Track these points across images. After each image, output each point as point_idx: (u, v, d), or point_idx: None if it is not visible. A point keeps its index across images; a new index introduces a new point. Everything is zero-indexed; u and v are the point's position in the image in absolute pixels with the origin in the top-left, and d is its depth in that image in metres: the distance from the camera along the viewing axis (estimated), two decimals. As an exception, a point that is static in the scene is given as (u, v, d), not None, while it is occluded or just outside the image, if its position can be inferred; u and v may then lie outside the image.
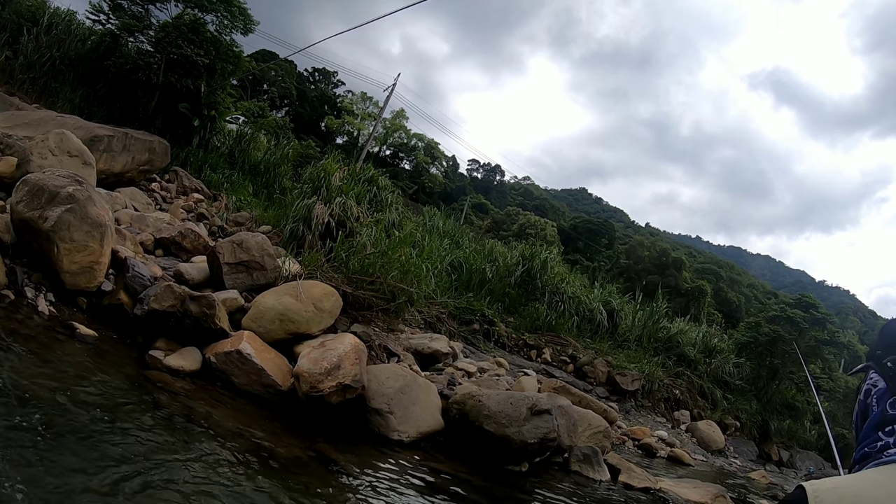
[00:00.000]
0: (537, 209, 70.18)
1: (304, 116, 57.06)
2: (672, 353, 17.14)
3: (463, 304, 13.59)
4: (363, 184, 13.06)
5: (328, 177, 12.25)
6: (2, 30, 16.09)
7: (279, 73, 54.06)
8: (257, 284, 8.66)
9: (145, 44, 16.85)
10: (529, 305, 15.70)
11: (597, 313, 16.93)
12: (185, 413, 5.69)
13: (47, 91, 15.94)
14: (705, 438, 14.35)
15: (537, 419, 7.38)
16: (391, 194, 14.30)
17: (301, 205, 11.71)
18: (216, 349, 6.91)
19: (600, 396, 13.14)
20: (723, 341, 19.89)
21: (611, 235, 69.50)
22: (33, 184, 7.32)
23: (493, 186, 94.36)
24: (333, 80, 69.59)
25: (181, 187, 13.98)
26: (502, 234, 46.97)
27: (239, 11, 16.88)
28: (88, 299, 7.42)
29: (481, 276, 15.60)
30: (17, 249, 7.41)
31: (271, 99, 48.78)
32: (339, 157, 14.36)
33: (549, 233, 51.70)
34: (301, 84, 63.07)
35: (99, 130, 12.37)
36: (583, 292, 17.55)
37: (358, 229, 11.24)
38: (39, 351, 5.77)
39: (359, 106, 58.77)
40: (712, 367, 17.47)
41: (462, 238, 19.37)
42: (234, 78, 19.55)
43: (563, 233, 59.78)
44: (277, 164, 17.80)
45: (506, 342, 14.00)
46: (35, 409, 4.59)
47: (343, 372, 6.69)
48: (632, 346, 16.84)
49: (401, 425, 7.04)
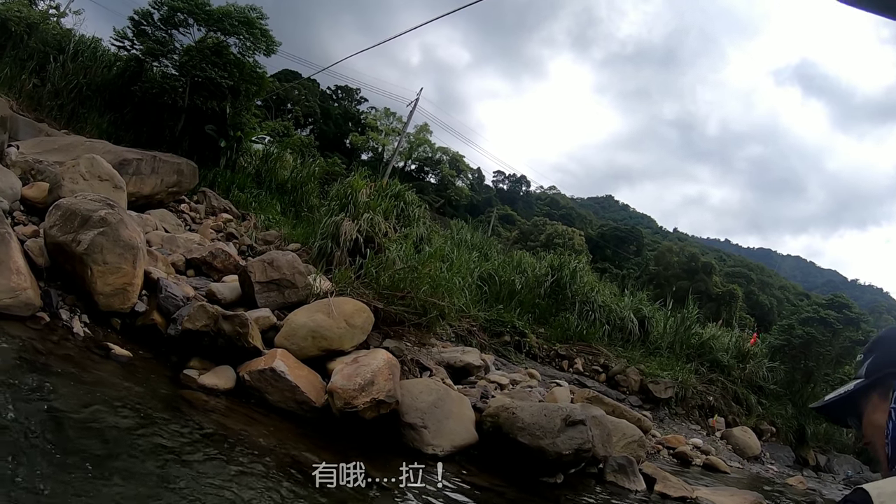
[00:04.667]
0: (564, 218, 69.81)
1: (328, 134, 57.51)
2: (705, 359, 16.88)
3: (493, 317, 13.52)
4: (390, 199, 13.08)
5: (355, 193, 12.30)
6: (29, 58, 16.46)
7: (302, 93, 54.59)
8: (289, 302, 8.69)
9: (170, 68, 17.09)
10: (560, 315, 15.57)
11: (628, 321, 16.75)
12: (221, 431, 5.72)
13: (75, 117, 16.24)
14: (741, 445, 14.10)
15: (571, 430, 7.30)
16: (418, 209, 14.30)
17: (329, 222, 11.76)
18: (250, 367, 6.95)
19: (633, 405, 12.99)
20: (756, 345, 19.58)
21: (639, 242, 69.03)
22: (66, 208, 7.45)
23: (520, 197, 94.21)
24: (356, 97, 70.16)
25: (210, 208, 14.11)
26: (530, 244, 46.77)
27: (261, 33, 17.07)
28: (122, 320, 7.52)
29: (511, 288, 15.50)
30: (52, 272, 7.55)
31: (295, 118, 49.36)
32: (365, 174, 14.41)
33: (576, 242, 51.38)
34: (324, 102, 63.66)
35: (128, 154, 12.55)
36: (613, 301, 17.37)
37: (386, 245, 11.25)
38: (76, 372, 5.84)
39: (382, 122, 59.10)
40: (746, 372, 17.19)
41: (490, 250, 19.28)
42: (259, 98, 19.77)
43: (590, 241, 59.46)
44: (304, 183, 17.90)
45: (537, 353, 13.89)
46: (76, 431, 4.65)
47: (377, 387, 6.68)
48: (664, 354, 16.62)
49: (435, 439, 7.00)
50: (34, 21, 17.53)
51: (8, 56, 16.36)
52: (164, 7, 16.60)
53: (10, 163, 10.62)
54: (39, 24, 17.60)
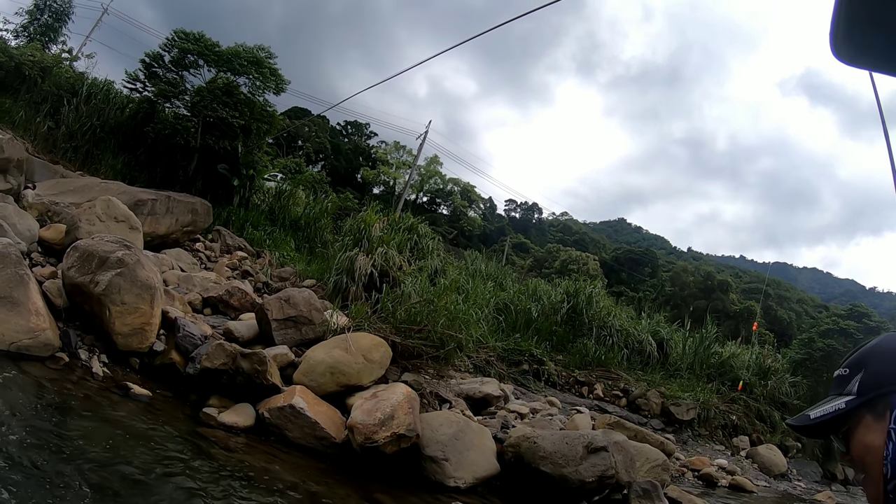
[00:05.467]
0: (577, 244, 69.61)
1: (339, 169, 57.78)
2: (726, 378, 16.70)
3: (511, 346, 13.45)
4: (403, 232, 13.13)
5: (368, 228, 12.37)
6: (43, 101, 16.78)
7: (312, 129, 54.95)
8: (306, 339, 8.71)
9: (182, 108, 17.35)
10: (577, 342, 15.48)
11: (646, 344, 16.62)
12: (243, 468, 5.71)
13: (90, 158, 16.50)
14: (766, 463, 13.87)
15: (594, 457, 7.23)
16: (432, 241, 14.33)
17: (343, 257, 11.81)
18: (269, 404, 6.95)
19: (656, 429, 12.85)
20: (776, 361, 19.34)
21: (653, 264, 68.62)
22: (83, 249, 7.54)
23: (532, 224, 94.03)
24: (366, 132, 70.53)
25: (224, 246, 14.21)
26: (545, 271, 46.63)
27: (270, 72, 17.33)
28: (141, 359, 7.56)
29: (527, 316, 15.45)
30: (70, 313, 7.63)
31: (306, 154, 49.72)
32: (377, 208, 14.51)
33: (591, 266, 51.22)
34: (334, 138, 64.02)
35: (142, 195, 12.70)
36: (630, 324, 17.26)
37: (401, 278, 11.27)
38: (96, 411, 5.87)
39: (393, 155, 59.30)
40: (768, 389, 16.99)
41: (505, 279, 19.28)
42: (270, 136, 19.99)
43: (605, 265, 59.19)
44: (317, 219, 18.04)
45: (556, 380, 13.78)
46: (97, 471, 4.67)
47: (397, 422, 6.65)
48: (684, 375, 16.45)
49: (456, 471, 6.94)
50: (48, 65, 17.89)
51: (23, 99, 16.70)
52: (175, 49, 16.91)
53: (26, 204, 10.78)
54: (53, 67, 17.96)
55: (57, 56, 20.38)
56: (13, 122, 15.64)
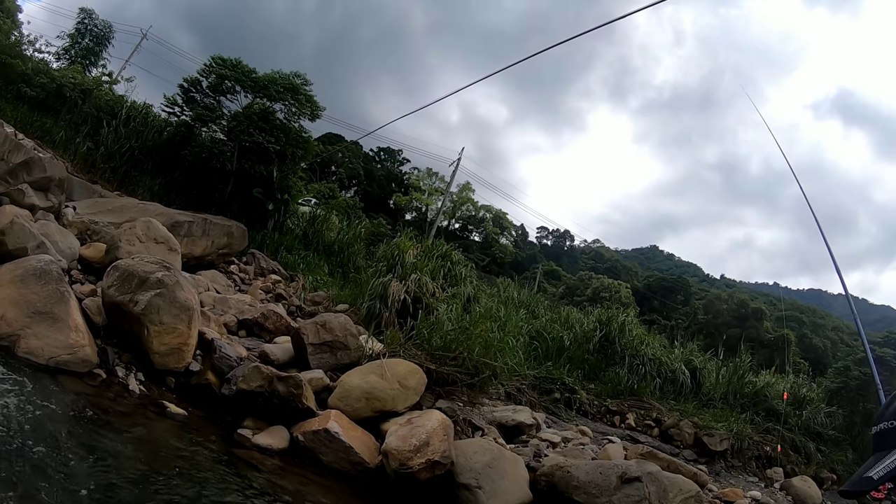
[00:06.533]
0: (609, 271, 69.13)
1: (372, 195, 58.09)
2: (760, 407, 16.38)
3: (542, 374, 13.34)
4: (436, 259, 13.16)
5: (402, 254, 12.42)
6: (83, 122, 17.28)
7: (346, 155, 55.37)
8: (341, 364, 8.75)
9: (218, 133, 17.66)
10: (609, 370, 15.31)
11: (679, 373, 16.38)
12: (276, 490, 5.74)
13: (127, 179, 16.87)
14: (801, 495, 13.53)
15: (628, 487, 7.14)
16: (465, 268, 14.33)
17: (377, 283, 11.86)
18: (304, 428, 6.97)
19: (688, 459, 12.61)
20: (812, 390, 18.97)
21: (686, 291, 67.81)
22: (124, 269, 7.67)
23: (564, 252, 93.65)
24: (398, 158, 70.86)
25: (259, 269, 14.36)
26: (577, 299, 46.29)
27: (305, 99, 17.59)
28: (177, 379, 7.64)
29: (559, 345, 15.32)
30: (108, 331, 7.75)
31: (340, 180, 50.28)
32: (411, 234, 14.57)
33: (623, 294, 50.77)
34: (367, 164, 64.45)
35: (179, 216, 12.91)
36: (663, 353, 17.04)
37: (435, 305, 11.28)
38: (133, 428, 5.94)
39: (425, 182, 59.57)
40: (803, 420, 16.63)
41: (538, 307, 19.18)
42: (304, 162, 20.24)
43: (637, 293, 58.61)
44: (351, 244, 18.16)
45: (588, 409, 13.63)
46: (133, 487, 4.71)
47: (432, 448, 6.63)
48: (717, 405, 16.15)
49: (490, 500, 6.87)
50: (88, 87, 18.42)
51: (63, 120, 17.20)
52: (213, 75, 17.25)
53: (66, 223, 11.03)
54: (93, 89, 18.49)
55: (97, 79, 20.97)
56: (54, 142, 16.07)
